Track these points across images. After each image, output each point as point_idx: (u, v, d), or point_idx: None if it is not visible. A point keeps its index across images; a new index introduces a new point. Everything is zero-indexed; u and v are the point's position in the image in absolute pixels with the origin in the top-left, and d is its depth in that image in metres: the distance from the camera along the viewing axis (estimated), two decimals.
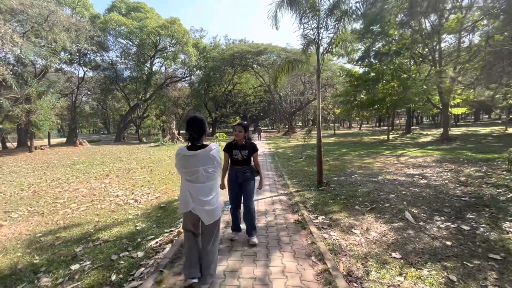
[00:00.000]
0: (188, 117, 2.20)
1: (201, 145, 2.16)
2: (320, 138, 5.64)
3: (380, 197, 4.77)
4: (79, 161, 12.93)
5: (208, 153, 2.10)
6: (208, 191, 2.12)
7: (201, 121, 2.16)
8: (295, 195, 5.11)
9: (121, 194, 6.13)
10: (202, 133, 2.17)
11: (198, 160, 2.07)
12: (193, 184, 2.10)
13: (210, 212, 2.11)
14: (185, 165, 2.09)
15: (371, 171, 7.26)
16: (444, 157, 9.25)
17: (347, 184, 5.80)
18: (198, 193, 2.09)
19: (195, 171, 2.07)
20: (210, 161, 2.11)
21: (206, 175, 2.09)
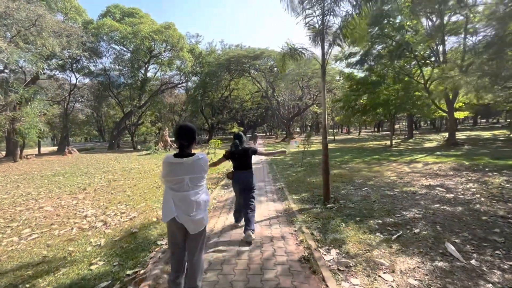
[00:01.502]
0: (179, 125, 2.17)
1: (188, 154, 2.10)
2: (327, 145, 4.74)
3: (404, 218, 3.84)
4: (61, 172, 11.92)
5: (195, 161, 2.04)
6: (193, 199, 2.03)
7: (192, 130, 2.15)
8: (297, 215, 4.17)
9: (91, 214, 5.16)
10: (192, 142, 2.15)
11: (184, 168, 2.02)
12: (178, 192, 2.02)
13: (196, 221, 2.03)
14: (171, 173, 2.03)
15: (383, 182, 6.35)
16: (460, 164, 8.36)
17: (358, 200, 4.87)
18: (182, 202, 2.01)
19: (180, 180, 2.02)
20: (197, 170, 2.05)
21: (192, 184, 2.04)
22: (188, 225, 2.01)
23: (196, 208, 2.03)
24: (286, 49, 5.27)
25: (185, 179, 2.00)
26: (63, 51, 22.56)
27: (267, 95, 33.77)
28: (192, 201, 2.01)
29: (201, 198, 2.08)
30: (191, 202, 2.01)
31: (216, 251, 3.07)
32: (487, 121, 54.62)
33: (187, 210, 2.00)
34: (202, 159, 2.07)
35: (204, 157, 2.12)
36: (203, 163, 2.08)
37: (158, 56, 31.39)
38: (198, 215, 2.03)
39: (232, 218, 4.11)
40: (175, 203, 2.01)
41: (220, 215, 4.41)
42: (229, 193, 6.18)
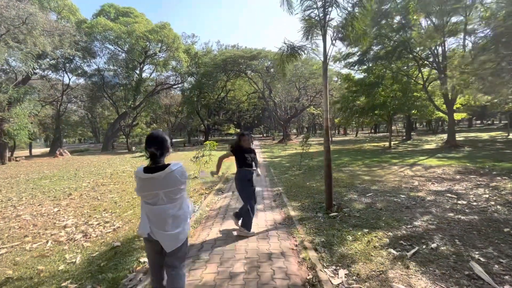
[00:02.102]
0: (149, 133, 1.99)
1: (160, 166, 1.86)
2: (329, 148, 4.36)
3: (417, 229, 3.46)
4: (49, 175, 11.39)
5: (169, 174, 1.82)
6: (170, 214, 1.86)
7: (163, 138, 1.95)
8: (298, 226, 3.77)
9: (71, 223, 4.70)
10: (163, 151, 1.94)
11: (156, 184, 1.81)
12: (153, 206, 1.85)
13: (172, 236, 1.86)
14: (143, 188, 1.84)
15: (387, 187, 5.99)
16: (465, 167, 8.05)
17: (363, 208, 4.49)
18: (157, 217, 1.85)
19: (154, 195, 1.83)
20: (172, 183, 1.84)
21: (167, 198, 1.85)
22: (164, 241, 1.85)
23: (173, 223, 1.86)
24: (284, 48, 4.86)
25: (159, 194, 1.82)
26: (54, 50, 22.00)
27: (263, 96, 33.44)
28: (169, 216, 1.85)
29: (180, 212, 1.91)
30: (167, 217, 1.85)
31: (206, 272, 2.65)
32: (482, 123, 54.94)
33: (162, 226, 1.84)
34: (176, 171, 1.84)
35: (178, 168, 1.88)
36: (178, 175, 1.85)
37: (153, 56, 30.89)
38: (174, 230, 1.86)
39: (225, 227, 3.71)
40: (150, 218, 1.86)
41: (212, 226, 3.99)
42: (223, 199, 5.76)
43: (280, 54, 4.96)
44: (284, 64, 5.06)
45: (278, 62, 5.11)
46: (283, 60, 4.95)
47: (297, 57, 5.02)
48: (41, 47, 19.19)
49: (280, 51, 4.94)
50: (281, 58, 4.94)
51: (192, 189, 6.97)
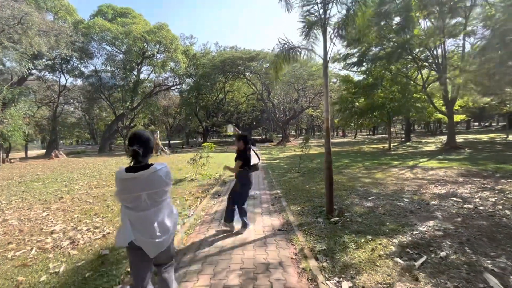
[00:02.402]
0: (132, 132, 1.87)
1: (143, 166, 1.73)
2: (330, 151, 4.16)
3: (423, 236, 3.27)
4: (42, 177, 11.13)
5: (153, 174, 1.70)
6: (154, 219, 1.73)
7: (147, 137, 1.83)
8: (297, 232, 3.56)
9: (59, 229, 4.48)
10: (147, 150, 1.81)
11: (139, 184, 1.67)
12: (134, 212, 1.70)
13: (158, 243, 1.73)
14: (124, 190, 1.70)
15: (389, 190, 5.80)
16: (467, 169, 7.89)
17: (365, 212, 4.29)
18: (141, 222, 1.71)
19: (136, 197, 1.69)
20: (156, 184, 1.71)
21: (151, 201, 1.72)
22: (147, 247, 1.73)
23: (159, 229, 1.75)
24: (279, 48, 4.66)
25: (142, 196, 1.71)
26: (50, 50, 21.77)
27: (262, 98, 33.30)
28: (153, 221, 1.74)
29: (164, 217, 1.81)
30: (152, 223, 1.74)
31: (198, 285, 2.44)
32: (480, 124, 55.09)
33: (147, 232, 1.72)
34: (161, 171, 1.75)
35: (163, 168, 1.79)
36: (163, 175, 1.76)
37: (151, 58, 30.68)
38: (161, 237, 1.75)
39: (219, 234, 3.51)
40: (133, 224, 1.73)
41: (207, 232, 3.78)
42: (220, 203, 5.56)
43: (279, 55, 4.72)
44: (279, 67, 4.85)
45: (272, 64, 4.90)
46: (278, 62, 4.72)
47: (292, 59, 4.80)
48: (36, 47, 18.97)
49: (276, 52, 4.71)
50: (275, 61, 4.73)
51: (188, 192, 6.76)
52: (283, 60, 4.75)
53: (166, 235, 1.78)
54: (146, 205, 1.72)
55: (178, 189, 7.26)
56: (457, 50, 19.14)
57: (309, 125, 55.43)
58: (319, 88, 32.83)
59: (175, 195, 6.51)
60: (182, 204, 5.64)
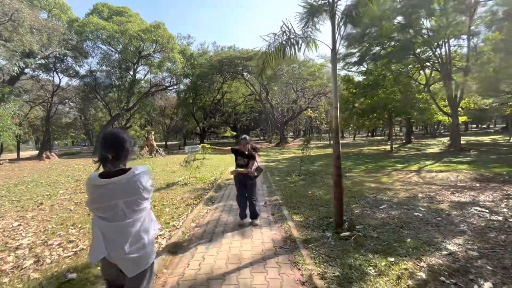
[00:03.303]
0: (102, 134, 1.69)
1: (120, 170, 1.51)
2: (339, 155, 3.61)
3: (455, 257, 2.72)
4: (27, 180, 10.50)
5: (131, 178, 1.48)
6: (130, 230, 1.48)
7: (118, 138, 1.58)
8: (303, 252, 2.99)
9: (27, 243, 3.88)
10: (120, 153, 1.56)
11: (115, 190, 1.46)
12: (109, 223, 1.47)
13: (135, 259, 1.48)
14: (98, 198, 1.47)
15: (401, 197, 5.26)
16: (480, 173, 7.38)
17: (380, 225, 3.74)
18: (116, 235, 1.47)
19: (112, 206, 1.46)
20: (134, 191, 1.48)
21: (128, 210, 1.48)
22: (124, 265, 1.50)
23: (136, 243, 1.50)
24: (277, 37, 4.02)
25: (118, 205, 1.48)
26: (42, 48, 21.14)
27: (260, 99, 32.77)
28: (129, 233, 1.50)
29: (143, 228, 1.56)
30: (127, 235, 1.50)
31: None
32: (478, 126, 54.99)
33: (122, 247, 1.47)
34: (139, 175, 1.53)
35: (142, 172, 1.55)
36: (143, 180, 1.53)
37: (147, 57, 30.06)
38: (136, 253, 1.49)
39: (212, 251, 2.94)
40: (106, 237, 1.50)
41: (195, 252, 3.18)
42: (214, 211, 4.98)
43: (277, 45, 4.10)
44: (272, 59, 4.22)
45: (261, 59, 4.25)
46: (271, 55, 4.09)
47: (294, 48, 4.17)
48: (27, 45, 18.35)
49: (272, 39, 4.06)
50: (266, 56, 4.11)
51: (180, 198, 6.17)
52: (277, 54, 4.12)
53: (142, 251, 1.51)
54: (123, 215, 1.49)
55: (169, 194, 6.68)
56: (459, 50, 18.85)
57: (307, 126, 54.96)
58: (318, 89, 32.39)
59: (165, 201, 5.92)
60: (171, 212, 5.06)
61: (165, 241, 3.61)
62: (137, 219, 1.53)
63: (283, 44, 3.85)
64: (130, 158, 1.67)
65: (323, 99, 33.00)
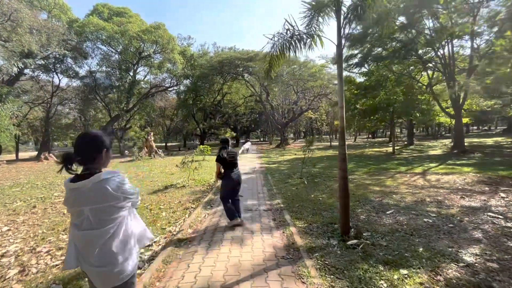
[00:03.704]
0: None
1: (87, 174, 1.39)
2: (345, 157, 3.39)
3: (475, 271, 2.50)
4: (23, 182, 10.31)
5: (96, 184, 1.35)
6: (96, 242, 1.37)
7: (88, 138, 1.46)
8: (307, 263, 2.77)
9: (14, 250, 3.67)
10: (90, 157, 1.42)
11: (81, 196, 1.36)
12: (78, 230, 1.39)
13: (103, 274, 1.38)
14: (65, 203, 1.43)
15: (408, 201, 5.04)
16: (487, 176, 7.15)
17: (389, 232, 3.52)
18: (84, 245, 1.40)
19: (79, 213, 1.37)
20: (101, 197, 1.35)
21: (95, 219, 1.37)
22: (93, 278, 1.42)
23: (104, 255, 1.38)
24: (281, 35, 3.84)
25: (84, 212, 1.37)
26: (41, 49, 21.01)
27: (261, 100, 32.57)
28: (96, 245, 1.38)
29: (115, 240, 1.41)
30: (94, 246, 1.38)
31: None
32: (478, 128, 54.80)
33: (89, 258, 1.39)
34: (107, 181, 1.38)
35: (113, 178, 1.41)
36: (112, 187, 1.38)
37: (147, 58, 29.90)
38: (106, 266, 1.38)
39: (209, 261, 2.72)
40: (77, 246, 1.43)
41: (191, 261, 2.96)
42: (213, 215, 4.76)
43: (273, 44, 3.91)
44: (276, 60, 4.05)
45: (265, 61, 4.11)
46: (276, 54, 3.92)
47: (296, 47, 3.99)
48: (26, 45, 18.23)
49: (274, 39, 3.89)
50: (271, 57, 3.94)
51: (177, 201, 5.95)
52: (283, 53, 3.94)
53: (112, 265, 1.38)
54: (89, 224, 1.38)
55: (167, 197, 6.46)
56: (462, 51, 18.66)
57: (308, 128, 54.74)
58: (319, 90, 32.19)
59: (162, 204, 5.71)
60: (168, 217, 4.84)
61: (160, 249, 3.40)
62: (106, 230, 1.39)
63: (288, 41, 3.64)
64: (106, 161, 1.52)
65: (323, 100, 32.80)
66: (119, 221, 1.44)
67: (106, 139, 1.50)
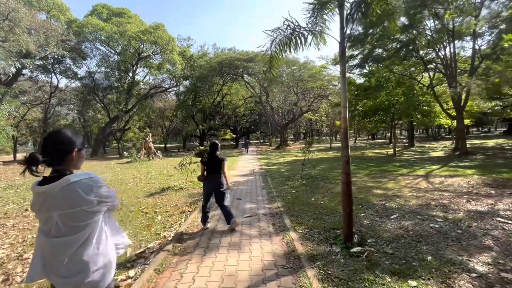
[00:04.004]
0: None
1: (55, 177, 1.24)
2: (349, 159, 3.23)
3: (490, 284, 2.32)
4: (18, 184, 10.14)
5: (65, 188, 1.21)
6: (65, 250, 1.22)
7: (56, 137, 1.31)
8: (309, 273, 2.59)
9: (0, 256, 3.49)
10: (56, 157, 1.27)
11: (48, 201, 1.21)
12: (45, 237, 1.25)
13: (75, 285, 1.23)
14: (32, 207, 1.30)
15: (412, 205, 4.86)
16: (492, 179, 6.99)
17: (394, 238, 3.34)
18: (52, 253, 1.23)
19: (47, 218, 1.24)
20: (71, 202, 1.21)
21: (65, 226, 1.22)
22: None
23: (74, 265, 1.22)
24: (282, 31, 3.69)
25: (53, 218, 1.22)
26: (39, 49, 20.87)
27: (260, 101, 32.43)
28: (65, 253, 1.22)
29: (85, 249, 1.26)
30: (64, 255, 1.21)
31: None
32: (478, 130, 54.74)
33: (57, 268, 1.22)
34: (78, 183, 1.23)
35: (84, 180, 1.26)
36: (82, 190, 1.23)
37: (146, 59, 29.76)
38: (76, 277, 1.22)
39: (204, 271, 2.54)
40: (43, 255, 1.26)
41: (185, 271, 2.77)
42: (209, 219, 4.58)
43: (272, 41, 3.75)
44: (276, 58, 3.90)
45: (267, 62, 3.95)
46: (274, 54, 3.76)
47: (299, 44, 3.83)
48: (24, 45, 18.09)
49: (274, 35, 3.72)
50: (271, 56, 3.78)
51: (174, 205, 5.77)
52: (283, 50, 3.79)
53: (83, 275, 1.24)
54: (59, 231, 1.24)
55: (163, 199, 6.28)
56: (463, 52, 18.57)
57: (308, 129, 54.60)
58: (319, 91, 32.07)
59: (158, 208, 5.53)
60: (163, 221, 4.66)
61: (152, 256, 3.22)
62: (77, 237, 1.26)
63: (289, 37, 3.48)
64: (78, 162, 1.39)
65: (323, 101, 32.67)
66: (92, 227, 1.31)
67: (77, 138, 1.36)
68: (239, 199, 6.08)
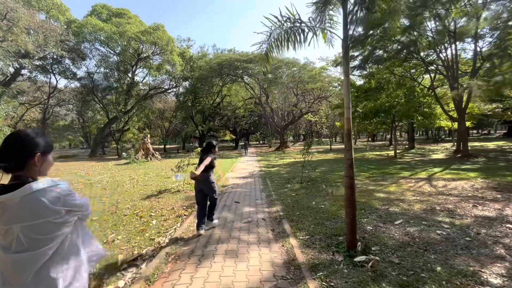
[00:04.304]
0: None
1: (15, 185, 1.09)
2: (352, 163, 3.07)
3: None
4: None
5: (27, 197, 1.07)
6: (29, 267, 1.08)
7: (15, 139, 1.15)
8: (310, 285, 2.42)
9: None
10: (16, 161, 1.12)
11: (6, 212, 1.07)
12: (5, 254, 1.10)
13: None
14: None
15: (416, 210, 4.70)
16: (496, 182, 6.83)
17: (400, 246, 3.17)
18: (14, 271, 1.10)
19: (7, 232, 1.09)
20: (34, 213, 1.08)
21: (28, 240, 1.08)
22: None
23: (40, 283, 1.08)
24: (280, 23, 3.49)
25: (13, 231, 1.08)
26: (38, 49, 20.74)
27: (260, 102, 32.29)
28: (30, 270, 1.07)
29: (53, 264, 1.11)
30: (28, 272, 1.07)
31: None
32: (478, 132, 54.65)
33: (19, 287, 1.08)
34: (45, 192, 1.08)
35: (51, 188, 1.10)
36: (49, 200, 1.08)
37: (146, 59, 29.62)
38: None
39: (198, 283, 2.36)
40: (4, 273, 1.12)
41: (178, 282, 2.57)
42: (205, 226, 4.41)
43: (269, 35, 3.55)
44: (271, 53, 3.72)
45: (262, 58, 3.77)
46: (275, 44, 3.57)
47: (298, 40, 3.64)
48: (22, 45, 17.96)
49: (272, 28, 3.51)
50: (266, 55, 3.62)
51: (170, 208, 5.60)
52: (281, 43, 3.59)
53: None
54: (20, 245, 1.10)
55: (159, 203, 6.10)
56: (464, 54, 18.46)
57: (307, 130, 54.48)
58: (319, 93, 31.96)
59: (153, 211, 5.35)
60: (158, 226, 4.48)
61: (145, 265, 3.04)
62: (42, 252, 1.12)
63: (287, 32, 3.32)
64: (43, 168, 1.21)
65: (323, 103, 32.56)
66: (60, 240, 1.16)
67: (41, 140, 1.20)
68: (238, 202, 5.90)
